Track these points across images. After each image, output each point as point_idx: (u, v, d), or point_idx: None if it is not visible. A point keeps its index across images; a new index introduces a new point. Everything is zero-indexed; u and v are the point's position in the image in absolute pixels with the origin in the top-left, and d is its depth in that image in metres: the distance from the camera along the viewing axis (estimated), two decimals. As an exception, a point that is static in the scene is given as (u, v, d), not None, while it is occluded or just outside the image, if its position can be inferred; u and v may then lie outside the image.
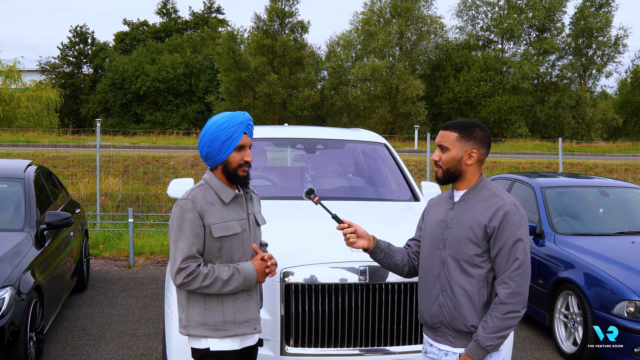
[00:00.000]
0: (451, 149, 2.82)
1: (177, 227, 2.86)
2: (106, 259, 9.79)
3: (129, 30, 57.54)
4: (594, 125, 45.94)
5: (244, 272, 2.89)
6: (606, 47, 45.63)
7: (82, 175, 14.98)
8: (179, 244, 2.84)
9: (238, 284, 2.87)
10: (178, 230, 2.86)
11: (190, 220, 2.85)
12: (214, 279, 2.82)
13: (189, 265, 2.81)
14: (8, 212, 5.95)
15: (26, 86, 39.60)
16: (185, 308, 2.94)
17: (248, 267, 2.91)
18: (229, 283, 2.85)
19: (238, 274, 2.87)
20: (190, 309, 2.92)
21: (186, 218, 2.85)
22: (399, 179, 5.74)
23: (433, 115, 44.71)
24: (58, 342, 5.91)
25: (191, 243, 2.83)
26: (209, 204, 2.90)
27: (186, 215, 2.86)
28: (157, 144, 25.30)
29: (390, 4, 43.42)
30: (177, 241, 2.85)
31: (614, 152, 27.38)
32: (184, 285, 2.83)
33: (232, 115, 2.98)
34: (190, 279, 2.80)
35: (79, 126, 46.22)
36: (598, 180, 7.88)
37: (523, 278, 2.68)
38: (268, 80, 40.97)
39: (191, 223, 2.84)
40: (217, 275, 2.83)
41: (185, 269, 2.80)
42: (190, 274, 2.80)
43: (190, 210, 2.86)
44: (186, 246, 2.82)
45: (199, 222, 2.86)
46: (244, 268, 2.90)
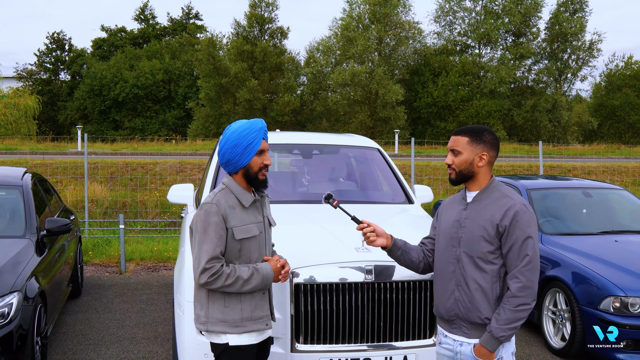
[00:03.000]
0: (463, 152, 3.02)
1: (202, 230, 3.02)
2: (97, 265, 9.84)
3: (107, 36, 57.19)
4: (570, 129, 46.71)
5: (262, 272, 3.08)
6: (581, 51, 46.44)
7: (67, 183, 14.98)
8: (204, 246, 3.00)
9: (257, 282, 3.06)
10: (203, 233, 3.02)
11: (215, 224, 3.02)
12: (236, 278, 3.00)
13: (214, 266, 2.98)
14: (8, 219, 6.01)
15: (3, 93, 39.27)
16: (205, 306, 3.10)
17: (266, 267, 3.11)
18: (249, 282, 3.03)
19: (257, 273, 3.06)
20: (210, 307, 3.09)
21: (211, 221, 3.02)
22: (393, 183, 5.91)
23: (412, 120, 45.11)
24: (59, 347, 5.98)
25: (215, 245, 3.00)
26: (231, 208, 3.08)
27: (211, 219, 3.02)
28: (138, 150, 25.25)
29: (369, 9, 43.73)
30: (202, 243, 3.01)
31: (590, 155, 27.88)
32: (208, 284, 2.99)
33: (251, 122, 3.17)
34: (214, 279, 2.97)
35: (57, 133, 45.92)
36: (580, 182, 8.14)
37: (533, 273, 2.89)
38: (248, 85, 41.05)
39: (216, 226, 3.02)
40: (239, 274, 3.01)
41: (210, 269, 2.97)
42: (214, 274, 2.97)
43: (215, 214, 3.03)
44: (211, 247, 2.99)
45: (223, 225, 3.03)
46: (262, 268, 3.09)
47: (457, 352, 3.02)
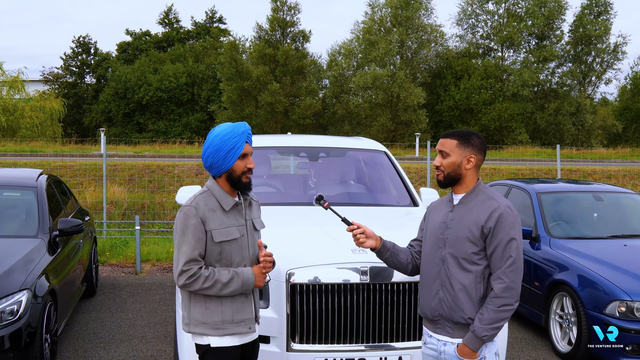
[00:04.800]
0: (451, 155, 3.08)
1: (181, 232, 3.06)
2: (113, 265, 10.00)
3: (132, 40, 57.95)
4: (594, 132, 46.19)
5: (242, 276, 3.09)
6: (605, 54, 45.94)
7: (88, 184, 15.22)
8: (182, 248, 3.04)
9: (237, 287, 3.07)
10: (181, 235, 3.06)
11: (193, 226, 3.04)
12: (214, 282, 3.02)
13: (191, 268, 3.01)
14: (22, 219, 6.16)
15: (30, 96, 39.97)
16: (188, 307, 3.15)
17: (247, 272, 3.11)
18: (228, 286, 3.04)
19: (237, 277, 3.07)
20: (192, 308, 3.13)
21: (189, 224, 3.05)
22: (398, 185, 5.95)
23: (434, 123, 44.98)
24: (70, 345, 6.11)
25: (193, 247, 3.02)
26: (211, 211, 3.10)
27: (189, 221, 3.05)
28: (160, 152, 25.55)
29: (391, 13, 43.77)
30: (180, 245, 3.05)
31: (614, 159, 27.54)
32: (186, 286, 3.03)
33: (233, 126, 3.18)
34: (192, 281, 3.00)
35: (82, 136, 46.56)
36: (593, 186, 8.09)
37: (516, 274, 2.92)
38: (270, 89, 41.29)
39: (194, 228, 3.04)
40: (217, 278, 3.03)
41: (188, 271, 3.00)
42: (192, 276, 3.00)
43: (193, 216, 3.05)
44: (189, 250, 3.02)
45: (201, 227, 3.06)
46: (243, 272, 3.10)
47: (441, 352, 3.07)
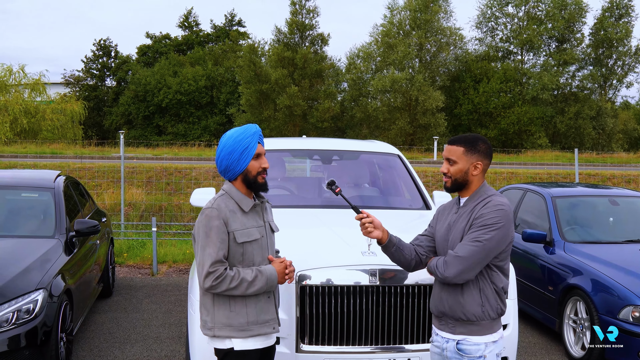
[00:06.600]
0: (458, 162, 3.13)
1: (205, 234, 3.08)
2: (130, 266, 10.10)
3: (152, 43, 58.44)
4: (615, 136, 45.71)
5: (266, 273, 3.12)
6: (627, 57, 45.48)
7: (106, 186, 15.38)
8: (207, 250, 3.05)
9: (262, 284, 3.10)
10: (205, 237, 3.07)
11: (216, 227, 3.07)
12: (240, 281, 3.04)
13: (217, 269, 3.02)
14: (39, 220, 6.26)
15: (51, 99, 40.43)
16: (211, 311, 3.16)
17: (269, 269, 3.15)
18: (254, 284, 3.07)
19: (261, 275, 3.10)
20: (215, 312, 3.14)
21: (213, 225, 3.07)
22: (411, 189, 5.96)
23: (453, 127, 44.79)
24: (86, 344, 6.19)
25: (218, 248, 3.05)
26: (232, 212, 3.14)
27: (213, 223, 3.08)
28: (179, 155, 25.71)
29: (409, 16, 43.69)
30: (204, 247, 3.07)
31: (633, 163, 27.25)
32: (213, 288, 3.04)
33: (244, 128, 3.24)
34: (219, 282, 3.02)
35: (102, 138, 47.02)
36: (609, 190, 8.03)
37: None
38: (288, 92, 41.41)
39: (217, 230, 3.07)
40: (243, 277, 3.06)
41: (214, 273, 3.02)
42: (218, 277, 3.02)
43: (216, 218, 3.08)
44: (214, 251, 3.04)
45: (224, 228, 3.09)
46: (265, 270, 3.13)
47: (444, 348, 3.13)
